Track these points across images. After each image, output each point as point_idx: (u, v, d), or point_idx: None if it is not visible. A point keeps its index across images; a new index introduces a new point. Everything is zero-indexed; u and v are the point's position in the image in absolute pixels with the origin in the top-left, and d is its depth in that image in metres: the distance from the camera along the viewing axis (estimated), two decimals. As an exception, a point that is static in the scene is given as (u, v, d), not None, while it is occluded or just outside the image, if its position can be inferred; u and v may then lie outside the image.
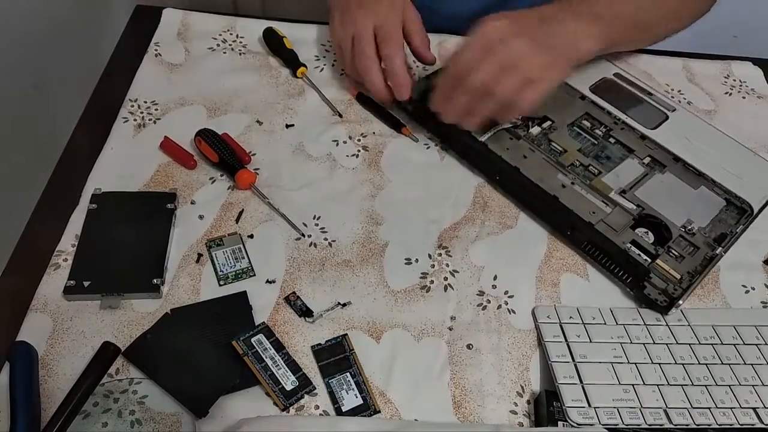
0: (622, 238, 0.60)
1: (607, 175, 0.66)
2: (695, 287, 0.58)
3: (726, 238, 0.62)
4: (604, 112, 0.72)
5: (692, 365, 0.54)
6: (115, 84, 0.72)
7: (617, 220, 0.62)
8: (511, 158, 0.65)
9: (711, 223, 0.63)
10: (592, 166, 0.66)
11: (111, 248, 0.57)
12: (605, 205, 0.63)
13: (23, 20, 0.93)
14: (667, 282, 0.58)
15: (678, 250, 0.60)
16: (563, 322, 0.56)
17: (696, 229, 0.62)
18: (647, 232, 0.62)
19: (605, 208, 0.63)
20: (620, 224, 0.61)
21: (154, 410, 0.49)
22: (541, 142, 0.68)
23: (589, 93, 0.73)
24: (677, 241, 0.61)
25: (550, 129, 0.69)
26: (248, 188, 0.63)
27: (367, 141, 0.69)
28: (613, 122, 0.71)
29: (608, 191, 0.64)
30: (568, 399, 0.51)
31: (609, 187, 0.64)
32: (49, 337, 0.52)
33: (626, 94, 0.74)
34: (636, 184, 0.65)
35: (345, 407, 0.50)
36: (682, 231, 0.62)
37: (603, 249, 0.60)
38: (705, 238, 0.62)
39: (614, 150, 0.68)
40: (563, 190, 0.63)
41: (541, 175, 0.64)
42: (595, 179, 0.65)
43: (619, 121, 0.71)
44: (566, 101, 0.72)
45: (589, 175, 0.65)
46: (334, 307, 0.56)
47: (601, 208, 0.63)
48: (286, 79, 0.75)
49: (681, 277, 0.58)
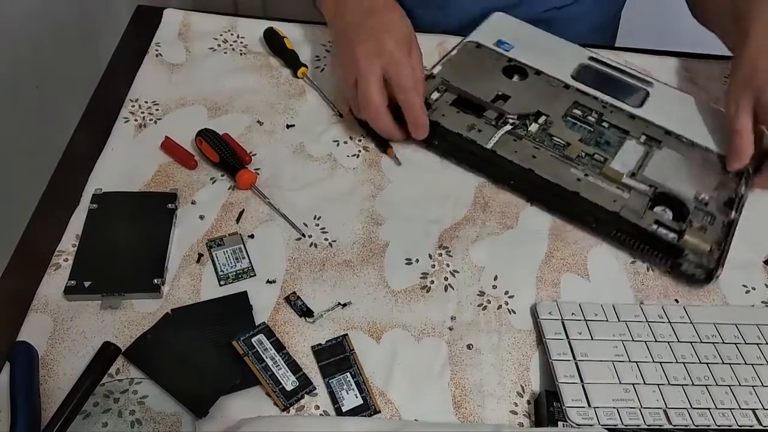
0: (646, 220, 0.61)
1: (614, 161, 0.66)
2: (727, 255, 0.60)
3: (734, 202, 0.64)
4: (591, 98, 0.71)
5: (693, 364, 0.54)
6: (116, 84, 0.72)
7: (636, 204, 0.62)
8: (521, 160, 0.64)
9: (716, 189, 0.64)
10: (597, 154, 0.66)
11: (112, 248, 0.57)
12: (621, 190, 0.63)
13: (24, 21, 0.93)
14: (700, 255, 0.59)
15: (699, 222, 0.62)
16: (565, 319, 0.55)
17: (707, 198, 0.63)
18: (665, 209, 0.63)
19: (623, 194, 0.63)
20: (640, 207, 0.62)
21: (154, 410, 0.49)
22: (543, 138, 0.67)
23: (572, 81, 0.73)
24: (695, 214, 0.62)
25: (547, 124, 0.68)
26: (249, 188, 0.63)
27: (367, 141, 0.69)
28: (602, 106, 0.71)
29: (620, 177, 0.64)
30: (568, 399, 0.50)
31: (619, 173, 0.65)
32: (49, 337, 0.52)
33: (606, 77, 0.74)
34: (641, 164, 0.66)
35: (345, 407, 0.50)
36: (696, 203, 0.63)
37: (632, 234, 0.61)
38: (717, 206, 0.63)
39: (610, 134, 0.69)
40: (580, 184, 0.63)
41: (555, 172, 0.64)
42: (604, 167, 0.65)
43: (607, 105, 0.71)
44: (552, 93, 0.72)
45: (597, 164, 0.66)
46: (335, 307, 0.56)
47: (619, 194, 0.63)
48: (287, 79, 0.75)
49: (711, 248, 0.60)
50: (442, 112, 0.68)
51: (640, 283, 0.60)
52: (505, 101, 0.69)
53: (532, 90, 0.71)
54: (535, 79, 0.73)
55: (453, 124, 0.67)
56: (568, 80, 0.73)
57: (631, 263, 0.62)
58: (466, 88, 0.70)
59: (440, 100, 0.69)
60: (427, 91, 0.68)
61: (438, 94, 0.69)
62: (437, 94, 0.69)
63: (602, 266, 0.61)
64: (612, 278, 0.61)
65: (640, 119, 0.70)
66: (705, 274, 0.59)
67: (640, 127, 0.69)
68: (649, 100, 0.72)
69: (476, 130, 0.66)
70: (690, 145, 0.68)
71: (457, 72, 0.72)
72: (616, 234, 0.61)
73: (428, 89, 0.68)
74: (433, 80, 0.70)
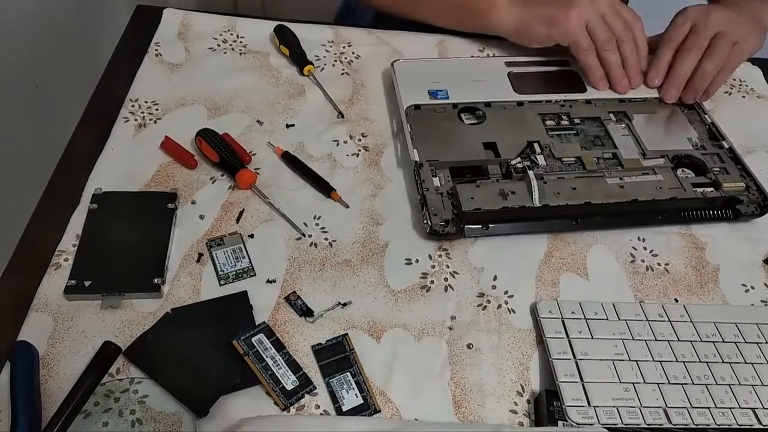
0: (690, 191, 0.63)
1: (622, 152, 0.67)
2: (758, 182, 0.65)
3: (714, 132, 0.69)
4: (548, 104, 0.71)
5: (693, 363, 0.54)
6: (116, 84, 0.72)
7: (671, 180, 0.64)
8: (570, 199, 0.62)
9: (694, 130, 0.68)
10: (605, 153, 0.67)
11: (112, 248, 0.57)
12: (651, 174, 0.64)
13: (24, 20, 0.93)
14: (744, 194, 0.63)
15: (717, 167, 0.65)
16: (565, 318, 0.55)
17: (700, 143, 0.67)
18: (684, 171, 0.65)
19: (657, 177, 0.64)
20: (675, 181, 0.64)
21: (154, 410, 0.49)
22: (559, 166, 0.66)
23: (519, 96, 0.71)
24: (707, 161, 0.65)
25: (544, 149, 0.66)
26: (249, 188, 0.63)
27: (367, 141, 0.69)
28: (560, 106, 0.71)
29: (639, 163, 0.65)
30: (568, 398, 0.51)
31: (635, 159, 0.66)
32: (49, 336, 0.52)
33: (537, 77, 0.74)
34: (638, 141, 0.67)
35: (345, 407, 0.51)
36: (701, 152, 0.66)
37: (693, 208, 0.63)
38: (710, 144, 0.67)
39: (592, 129, 0.70)
40: (625, 190, 0.63)
41: (601, 191, 0.63)
42: (622, 161, 0.66)
43: (565, 103, 0.71)
44: (515, 117, 0.69)
45: (614, 162, 0.66)
46: (335, 306, 0.56)
47: (657, 180, 0.64)
48: (287, 79, 0.75)
49: (746, 185, 0.64)
50: (467, 197, 0.61)
51: (639, 283, 0.60)
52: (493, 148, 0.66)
53: (498, 124, 0.68)
54: (491, 113, 0.69)
55: (486, 202, 0.61)
56: (515, 97, 0.72)
57: (630, 262, 0.62)
58: (453, 158, 0.65)
59: (445, 184, 0.63)
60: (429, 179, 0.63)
61: (437, 179, 0.63)
62: (437, 179, 0.63)
63: (601, 266, 0.61)
64: (611, 278, 0.61)
65: (594, 102, 0.71)
66: (760, 208, 0.63)
67: (602, 109, 0.71)
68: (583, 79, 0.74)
69: (510, 193, 0.62)
70: (646, 102, 0.71)
71: (430, 146, 0.66)
72: (682, 216, 0.63)
73: (426, 176, 0.63)
74: (422, 168, 0.63)
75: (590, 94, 0.72)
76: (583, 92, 0.73)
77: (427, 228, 0.59)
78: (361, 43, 0.80)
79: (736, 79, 0.81)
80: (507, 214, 0.61)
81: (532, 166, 0.65)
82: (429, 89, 0.71)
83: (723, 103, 0.77)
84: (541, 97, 0.71)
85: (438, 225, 0.60)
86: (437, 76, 0.73)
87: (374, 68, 0.76)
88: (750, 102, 0.78)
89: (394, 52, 0.79)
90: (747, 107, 0.78)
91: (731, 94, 0.79)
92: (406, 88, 0.71)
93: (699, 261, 0.62)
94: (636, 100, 0.72)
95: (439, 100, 0.70)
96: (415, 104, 0.69)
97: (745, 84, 0.80)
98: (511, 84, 0.73)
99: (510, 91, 0.72)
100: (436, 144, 0.66)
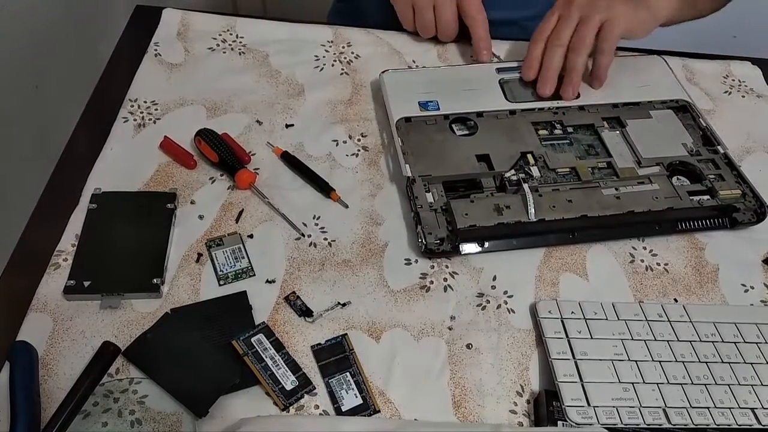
0: (686, 199, 0.62)
1: (617, 161, 0.66)
2: (754, 188, 0.64)
3: (709, 137, 0.68)
4: (540, 112, 0.69)
5: (692, 363, 0.54)
6: (115, 84, 0.72)
7: (667, 189, 0.63)
8: (566, 212, 0.61)
9: (689, 135, 0.67)
10: (599, 163, 0.66)
11: (111, 248, 0.57)
12: (646, 184, 0.64)
13: (23, 20, 0.93)
14: (741, 201, 0.62)
15: (712, 174, 0.64)
16: (564, 318, 0.55)
17: (695, 149, 0.66)
18: (679, 179, 0.65)
19: (653, 187, 0.63)
20: (671, 190, 0.63)
21: (154, 410, 0.49)
22: (554, 177, 0.64)
23: (511, 105, 0.70)
24: (703, 168, 0.65)
25: (541, 160, 0.65)
26: (248, 188, 0.63)
27: (367, 141, 0.69)
28: (553, 113, 0.70)
29: (634, 172, 0.65)
30: (567, 398, 0.51)
31: (630, 168, 0.65)
32: (49, 336, 0.52)
33: (528, 84, 0.72)
34: (633, 149, 0.66)
35: (345, 407, 0.51)
36: (696, 158, 0.65)
37: (690, 218, 0.63)
38: (705, 150, 0.66)
39: (585, 137, 0.68)
40: (621, 201, 0.62)
41: (596, 203, 0.62)
42: (619, 171, 0.65)
43: (558, 110, 0.70)
44: (508, 126, 0.68)
45: (609, 172, 0.65)
46: (334, 306, 0.56)
47: (653, 189, 0.63)
48: (286, 79, 0.75)
49: (742, 191, 0.63)
50: (461, 213, 0.60)
51: (638, 283, 0.60)
52: (486, 160, 0.65)
53: (491, 135, 0.67)
54: (483, 123, 0.68)
55: (481, 218, 0.60)
56: (507, 106, 0.70)
57: (629, 263, 0.62)
58: (446, 171, 0.63)
59: (438, 200, 0.62)
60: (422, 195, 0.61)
61: (431, 195, 0.62)
62: (430, 195, 0.62)
63: (601, 266, 0.61)
64: (611, 278, 0.61)
65: (587, 108, 0.70)
66: (756, 216, 0.63)
67: (595, 115, 0.70)
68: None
69: (505, 207, 0.60)
70: (638, 106, 0.70)
71: (422, 160, 0.64)
72: (679, 225, 0.63)
73: (419, 193, 0.61)
74: (415, 184, 0.62)
75: (583, 100, 0.71)
76: (576, 98, 0.71)
77: (422, 247, 0.59)
78: (361, 43, 0.80)
79: (735, 79, 0.81)
80: (503, 230, 0.60)
81: (527, 178, 0.63)
82: (419, 100, 0.69)
83: (722, 103, 0.77)
84: (533, 105, 0.70)
85: (433, 244, 0.59)
86: (427, 86, 0.71)
87: (374, 68, 0.76)
88: (750, 102, 0.78)
89: (393, 52, 0.79)
90: (747, 107, 0.78)
91: (731, 94, 0.79)
92: (395, 100, 0.69)
93: (698, 261, 0.62)
94: (629, 104, 0.71)
95: (430, 111, 0.68)
96: (405, 117, 0.67)
97: (744, 84, 0.80)
98: (503, 92, 0.71)
99: (502, 100, 0.70)
100: (428, 157, 0.64)
